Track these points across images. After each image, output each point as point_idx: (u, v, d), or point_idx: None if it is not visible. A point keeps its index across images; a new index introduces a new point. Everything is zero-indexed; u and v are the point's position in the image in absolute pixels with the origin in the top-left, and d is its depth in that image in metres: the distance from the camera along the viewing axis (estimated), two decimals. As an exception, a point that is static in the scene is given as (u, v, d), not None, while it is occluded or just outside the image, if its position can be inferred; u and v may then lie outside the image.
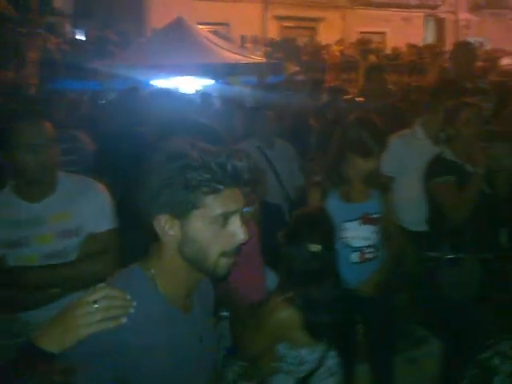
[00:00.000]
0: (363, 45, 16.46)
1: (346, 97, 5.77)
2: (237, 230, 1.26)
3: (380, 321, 2.91)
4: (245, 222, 1.29)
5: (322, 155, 4.22)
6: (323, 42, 17.39)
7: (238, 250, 1.30)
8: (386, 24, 20.69)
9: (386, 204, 2.94)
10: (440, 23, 22.02)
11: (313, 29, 19.96)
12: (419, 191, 3.20)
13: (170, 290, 1.33)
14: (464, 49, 4.57)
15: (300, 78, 9.33)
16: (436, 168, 3.11)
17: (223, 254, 1.26)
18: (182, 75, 7.66)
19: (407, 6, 20.98)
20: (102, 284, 1.26)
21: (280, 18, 19.20)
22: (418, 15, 21.55)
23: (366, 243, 2.79)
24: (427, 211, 3.21)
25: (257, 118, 4.52)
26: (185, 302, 1.39)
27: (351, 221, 2.76)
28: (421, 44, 19.02)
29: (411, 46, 17.57)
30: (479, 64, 14.34)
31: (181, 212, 1.22)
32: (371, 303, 2.82)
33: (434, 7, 21.49)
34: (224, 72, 7.81)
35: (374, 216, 2.81)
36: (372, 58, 15.56)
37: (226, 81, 7.79)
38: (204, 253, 1.25)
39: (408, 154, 3.49)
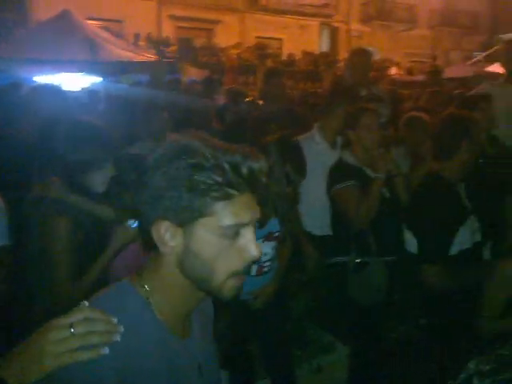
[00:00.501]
0: (261, 49, 16.80)
1: (245, 100, 5.75)
2: (249, 246, 1.07)
3: (274, 331, 2.87)
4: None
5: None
6: (220, 45, 17.49)
7: (248, 270, 1.11)
8: (283, 30, 21.32)
9: (292, 211, 2.92)
10: (334, 32, 23.16)
11: (210, 31, 20.00)
12: (322, 195, 3.21)
13: (167, 310, 1.13)
14: (360, 56, 4.72)
15: (198, 78, 9.21)
16: (338, 173, 3.14)
17: (232, 274, 1.07)
18: (68, 72, 7.19)
19: (303, 14, 21.79)
20: (84, 303, 1.04)
21: (175, 18, 19.01)
22: (314, 23, 22.48)
23: (265, 258, 2.74)
24: (331, 216, 3.23)
25: (152, 119, 4.30)
26: (183, 324, 1.19)
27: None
28: (316, 51, 19.88)
29: (306, 54, 18.28)
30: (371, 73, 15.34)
31: (185, 219, 1.04)
32: (264, 314, 2.80)
33: (329, 16, 22.54)
34: (115, 70, 7.46)
35: (276, 234, 2.78)
36: (269, 62, 15.92)
37: (117, 79, 7.45)
38: (209, 271, 1.06)
39: (308, 159, 3.46)
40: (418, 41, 22.90)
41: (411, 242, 2.83)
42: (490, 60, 16.35)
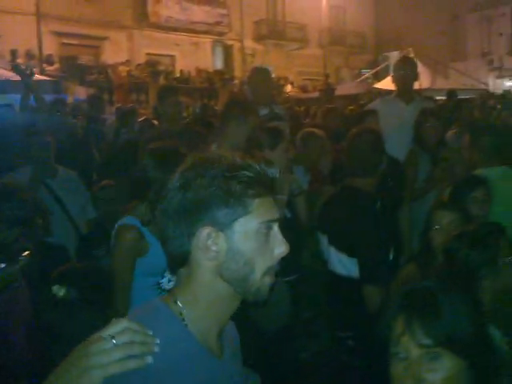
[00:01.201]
0: (152, 66, 16.60)
1: (139, 119, 5.60)
2: (278, 241, 1.18)
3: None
4: None
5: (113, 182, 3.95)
6: (108, 62, 17.04)
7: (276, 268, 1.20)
8: (175, 47, 21.28)
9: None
10: (227, 50, 23.56)
11: (96, 48, 19.43)
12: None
13: (202, 325, 1.16)
14: (261, 74, 4.74)
15: (86, 97, 8.85)
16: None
17: (268, 271, 1.16)
18: None
19: (196, 32, 21.94)
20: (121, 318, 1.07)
21: (59, 34, 18.23)
22: (207, 41, 22.72)
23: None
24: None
25: (33, 143, 4.02)
26: (217, 343, 1.20)
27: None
28: (209, 68, 20.07)
29: (200, 71, 18.40)
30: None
31: (226, 222, 1.12)
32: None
33: (222, 34, 22.91)
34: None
35: None
36: (162, 80, 15.77)
37: (-8, 99, 6.93)
38: (250, 269, 1.14)
39: None
40: (309, 59, 23.98)
41: (338, 263, 2.79)
42: (377, 77, 17.60)
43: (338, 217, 2.80)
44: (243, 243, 1.13)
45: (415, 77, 4.58)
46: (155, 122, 4.97)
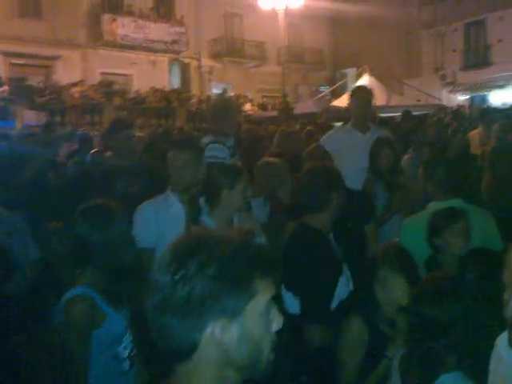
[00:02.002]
0: (106, 86, 16.35)
1: (93, 150, 5.43)
2: (276, 315, 1.16)
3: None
4: None
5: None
6: (61, 83, 16.69)
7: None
8: (132, 66, 21.10)
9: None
10: (185, 68, 23.52)
11: (48, 68, 19.04)
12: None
13: None
14: (223, 104, 4.62)
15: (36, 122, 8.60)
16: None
17: (271, 347, 1.14)
18: None
19: (153, 50, 21.83)
20: None
21: (8, 54, 17.77)
22: (164, 59, 22.62)
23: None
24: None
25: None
26: None
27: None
28: (166, 87, 19.94)
29: (156, 90, 18.24)
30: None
31: (238, 309, 1.07)
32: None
33: (179, 52, 22.87)
34: None
35: None
36: (116, 100, 15.55)
37: None
38: (260, 350, 1.11)
39: (163, 222, 3.13)
40: (268, 76, 24.15)
41: (290, 303, 2.75)
42: (335, 95, 17.88)
43: (286, 254, 2.83)
44: (254, 327, 1.10)
45: (370, 106, 4.63)
46: (107, 154, 4.80)
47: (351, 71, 20.97)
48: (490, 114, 10.88)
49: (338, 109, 13.13)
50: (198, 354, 1.08)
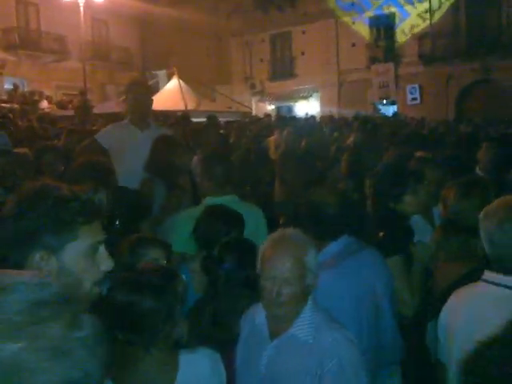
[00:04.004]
0: None
1: None
2: (104, 259, 1.41)
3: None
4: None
5: None
6: None
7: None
8: None
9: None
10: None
11: None
12: None
13: None
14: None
15: None
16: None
17: (95, 284, 1.39)
18: None
19: None
20: None
21: None
22: None
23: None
24: None
25: None
26: None
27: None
28: None
29: None
30: (19, 107, 14.26)
31: (58, 245, 1.33)
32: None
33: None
34: None
35: None
36: None
37: None
38: (77, 285, 1.34)
39: None
40: (70, 73, 22.61)
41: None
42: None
43: None
44: (73, 263, 1.34)
45: (150, 102, 4.46)
46: None
47: (163, 73, 20.76)
48: (284, 122, 11.71)
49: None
50: None
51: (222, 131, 8.11)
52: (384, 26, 24.14)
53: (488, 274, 1.97)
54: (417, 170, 3.12)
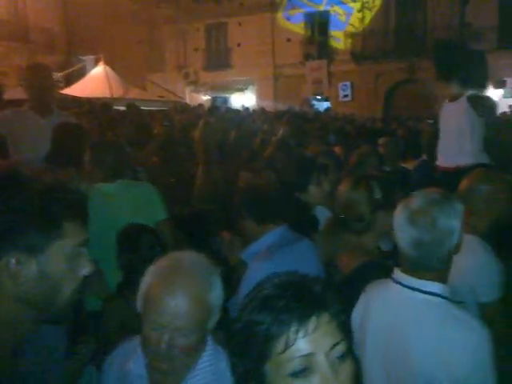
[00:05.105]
0: None
1: None
2: (85, 261, 1.25)
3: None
4: None
5: None
6: None
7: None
8: None
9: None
10: None
11: None
12: None
13: None
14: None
15: None
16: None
17: (74, 291, 1.23)
18: None
19: None
20: None
21: None
22: None
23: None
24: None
25: None
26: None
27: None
28: None
29: None
30: None
31: (40, 245, 1.15)
32: None
33: None
34: None
35: None
36: None
37: None
38: (56, 291, 1.19)
39: None
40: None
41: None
42: (70, 81, 16.93)
43: None
44: (55, 267, 1.17)
45: (51, 86, 4.36)
46: None
47: (91, 58, 20.14)
48: (217, 112, 11.73)
49: (70, 97, 12.45)
50: None
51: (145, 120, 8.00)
52: (318, 24, 24.63)
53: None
54: (322, 163, 3.25)
